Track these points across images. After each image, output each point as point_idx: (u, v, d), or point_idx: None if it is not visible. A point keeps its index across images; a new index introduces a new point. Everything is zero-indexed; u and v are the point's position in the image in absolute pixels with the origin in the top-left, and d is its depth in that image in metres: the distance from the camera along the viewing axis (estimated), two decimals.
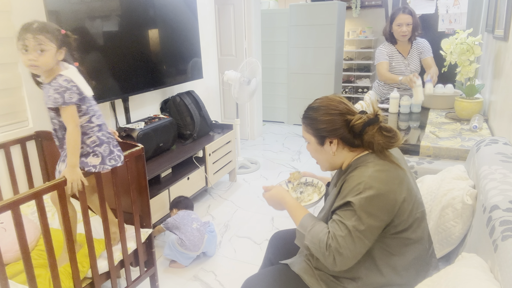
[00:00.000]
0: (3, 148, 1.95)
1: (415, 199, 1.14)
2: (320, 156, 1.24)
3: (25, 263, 1.30)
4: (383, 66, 2.94)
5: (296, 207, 1.24)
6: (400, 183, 1.09)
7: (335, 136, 1.17)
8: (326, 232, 1.09)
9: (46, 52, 1.45)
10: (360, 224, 1.05)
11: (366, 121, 1.14)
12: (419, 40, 2.98)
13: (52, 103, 1.49)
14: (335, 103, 1.18)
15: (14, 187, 2.02)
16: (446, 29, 3.14)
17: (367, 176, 1.07)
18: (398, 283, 1.16)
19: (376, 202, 1.05)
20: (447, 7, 3.09)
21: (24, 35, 1.41)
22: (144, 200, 1.89)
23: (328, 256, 1.08)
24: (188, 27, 3.10)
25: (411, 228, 1.13)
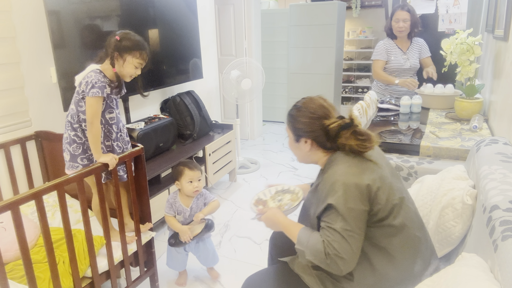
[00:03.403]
0: (3, 148, 1.95)
1: (391, 186, 1.17)
2: (295, 151, 1.33)
3: (25, 263, 1.30)
4: (378, 64, 3.03)
5: (290, 225, 1.27)
6: (371, 172, 1.15)
7: (309, 137, 1.24)
8: (321, 242, 1.12)
9: None
10: (346, 223, 1.09)
11: (342, 125, 1.20)
12: (418, 39, 3.04)
13: None
14: (316, 107, 1.25)
15: (14, 187, 2.02)
16: (446, 29, 3.13)
17: (339, 174, 1.14)
18: (396, 275, 1.17)
19: (352, 195, 1.10)
20: (447, 7, 3.09)
21: (146, 55, 1.66)
22: (144, 200, 1.89)
23: (331, 264, 1.10)
24: (188, 27, 3.10)
25: (392, 215, 1.16)
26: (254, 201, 1.50)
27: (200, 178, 1.97)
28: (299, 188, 1.51)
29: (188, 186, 1.93)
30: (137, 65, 1.66)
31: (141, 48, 1.64)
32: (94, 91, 1.58)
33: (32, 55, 2.08)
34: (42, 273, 1.55)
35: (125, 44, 1.62)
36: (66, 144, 1.72)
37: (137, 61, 1.64)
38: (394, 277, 1.17)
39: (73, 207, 2.06)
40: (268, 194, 1.55)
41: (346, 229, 1.09)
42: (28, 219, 1.80)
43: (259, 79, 3.60)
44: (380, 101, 2.95)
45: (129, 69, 1.65)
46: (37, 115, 2.13)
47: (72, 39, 2.10)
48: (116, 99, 1.75)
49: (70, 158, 1.72)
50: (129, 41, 1.62)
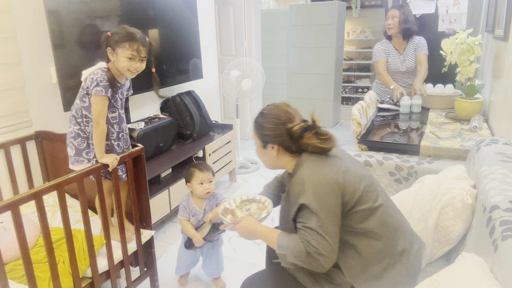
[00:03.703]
0: (3, 148, 1.95)
1: (356, 174, 1.22)
2: (263, 157, 1.35)
3: (25, 263, 1.30)
4: (380, 64, 3.02)
5: (267, 232, 1.28)
6: (335, 166, 1.20)
7: (276, 143, 1.27)
8: (300, 242, 1.14)
9: (145, 60, 1.65)
10: (321, 220, 1.12)
11: (304, 127, 1.24)
12: (416, 38, 3.03)
13: None
14: (280, 113, 1.28)
15: (14, 187, 2.02)
16: (446, 29, 3.13)
17: (306, 174, 1.17)
18: (381, 256, 1.19)
19: (322, 191, 1.14)
20: (447, 7, 3.09)
21: (138, 46, 1.59)
22: (144, 200, 1.89)
23: (313, 262, 1.13)
24: (188, 27, 3.10)
25: (362, 200, 1.19)
26: (221, 211, 1.48)
27: (211, 179, 1.94)
28: (265, 197, 1.53)
29: (199, 188, 1.91)
30: (129, 57, 1.59)
31: (130, 39, 1.58)
32: (98, 89, 1.58)
33: (32, 55, 2.08)
34: (42, 273, 1.55)
35: (114, 38, 1.60)
36: (71, 138, 1.72)
37: (127, 52, 1.58)
38: (379, 258, 1.20)
39: (73, 207, 2.06)
40: (233, 203, 1.54)
41: (321, 226, 1.12)
42: (28, 219, 1.80)
43: (259, 79, 3.60)
44: (380, 101, 2.95)
45: (122, 62, 1.60)
46: (37, 115, 2.13)
47: (72, 39, 2.10)
48: (121, 99, 1.74)
49: (75, 153, 1.72)
50: (118, 35, 1.60)
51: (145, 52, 1.63)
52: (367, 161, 2.03)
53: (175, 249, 2.40)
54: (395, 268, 1.21)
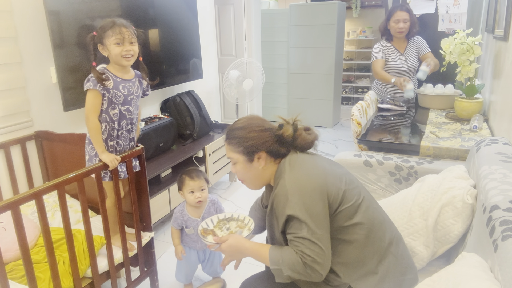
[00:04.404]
0: (3, 148, 1.95)
1: (336, 175, 1.22)
2: (249, 174, 1.29)
3: (25, 263, 1.30)
4: (378, 64, 3.00)
5: (258, 248, 1.23)
6: (314, 168, 1.20)
7: (263, 150, 1.24)
8: (294, 254, 1.12)
9: (135, 43, 1.66)
10: (311, 227, 1.10)
11: (294, 130, 1.26)
12: (415, 38, 3.03)
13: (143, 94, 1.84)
14: (258, 121, 1.28)
15: (14, 187, 2.02)
16: (446, 29, 3.14)
17: (287, 184, 1.15)
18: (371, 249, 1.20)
19: (307, 197, 1.12)
20: (447, 7, 3.09)
21: (120, 29, 1.59)
22: (144, 200, 1.89)
23: (311, 272, 1.11)
24: (188, 27, 3.10)
25: (345, 200, 1.18)
26: (201, 232, 1.44)
27: (204, 187, 1.87)
28: (243, 215, 1.50)
29: (189, 197, 1.86)
30: (117, 41, 1.61)
31: (111, 26, 1.60)
32: (87, 84, 1.63)
33: (33, 55, 2.08)
34: (42, 273, 1.55)
35: (99, 33, 1.64)
36: (86, 144, 1.77)
37: (113, 39, 1.60)
38: (371, 252, 1.20)
39: (73, 207, 2.06)
40: (211, 223, 1.51)
41: (313, 233, 1.10)
42: (28, 219, 1.80)
43: (259, 79, 3.61)
44: (380, 101, 2.95)
45: (113, 50, 1.62)
46: (37, 115, 2.13)
47: (72, 39, 2.10)
48: (126, 95, 1.72)
49: (88, 159, 1.76)
50: (100, 29, 1.63)
51: (130, 33, 1.64)
52: (367, 161, 2.03)
53: None
54: (387, 260, 1.21)
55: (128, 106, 1.74)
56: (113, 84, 1.68)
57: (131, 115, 1.77)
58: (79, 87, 2.15)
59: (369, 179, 2.05)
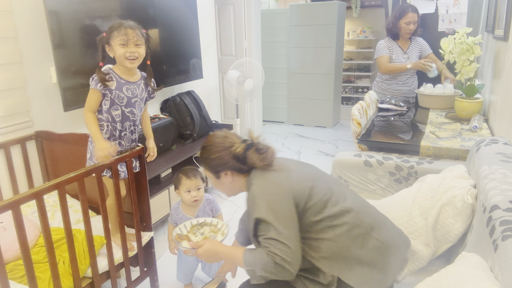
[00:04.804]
0: (3, 148, 1.95)
1: (301, 174, 1.27)
2: (221, 187, 1.38)
3: (25, 263, 1.30)
4: (384, 59, 3.01)
5: (232, 251, 1.30)
6: (281, 173, 1.25)
7: (227, 169, 1.30)
8: (265, 255, 1.16)
9: (141, 46, 1.65)
10: (278, 228, 1.15)
11: (245, 147, 1.29)
12: (417, 38, 3.06)
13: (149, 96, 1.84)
14: (220, 140, 1.32)
15: (14, 187, 2.02)
16: (446, 29, 3.14)
17: (255, 189, 1.22)
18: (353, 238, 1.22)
19: (273, 199, 1.18)
20: (447, 7, 3.09)
21: (126, 30, 1.59)
22: (144, 200, 1.89)
23: (281, 271, 1.15)
24: (188, 27, 3.10)
25: (311, 196, 1.22)
26: (175, 237, 1.46)
27: (200, 187, 1.89)
28: (217, 220, 1.56)
29: (186, 196, 1.88)
30: (122, 42, 1.61)
31: (118, 27, 1.61)
32: (91, 83, 1.66)
33: (33, 55, 2.08)
34: (42, 273, 1.55)
35: (107, 34, 1.65)
36: (89, 142, 1.79)
37: (118, 39, 1.61)
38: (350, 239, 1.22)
39: (73, 207, 2.06)
40: (184, 229, 1.53)
41: (280, 233, 1.14)
42: (28, 219, 1.80)
43: (260, 79, 3.60)
44: (380, 101, 2.95)
45: (117, 51, 1.62)
46: (37, 115, 2.13)
47: (72, 39, 2.10)
48: (129, 97, 1.71)
49: (89, 157, 1.78)
50: (108, 29, 1.64)
51: (136, 35, 1.63)
52: (367, 161, 2.03)
53: None
54: (370, 245, 1.23)
55: (131, 108, 1.74)
56: (116, 85, 1.68)
57: (134, 117, 1.77)
58: (79, 87, 2.15)
59: (369, 179, 2.05)
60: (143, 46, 1.67)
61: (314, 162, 3.89)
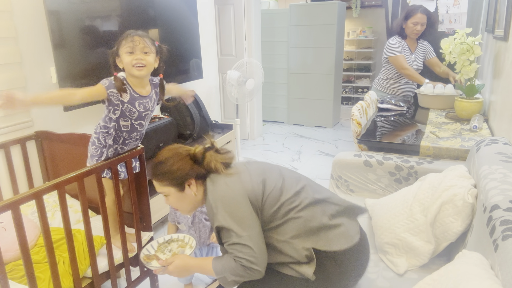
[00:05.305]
0: (3, 148, 1.95)
1: (253, 173, 1.29)
2: (184, 203, 1.35)
3: (25, 263, 1.30)
4: (401, 59, 2.97)
5: (202, 263, 1.32)
6: (231, 176, 1.26)
7: (191, 177, 1.29)
8: (232, 260, 1.21)
9: (150, 54, 1.61)
10: (237, 232, 1.18)
11: (204, 148, 1.32)
12: (423, 41, 3.08)
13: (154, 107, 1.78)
14: (174, 151, 1.32)
15: (14, 187, 2.02)
16: (446, 29, 3.14)
17: (211, 198, 1.24)
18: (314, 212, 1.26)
19: (228, 203, 1.20)
20: (447, 7, 3.09)
21: (133, 37, 1.57)
22: (144, 200, 1.89)
23: (250, 272, 1.19)
24: (188, 27, 3.10)
25: (265, 188, 1.25)
26: (144, 258, 1.43)
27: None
28: (183, 235, 1.56)
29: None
30: (129, 50, 1.58)
31: (126, 36, 1.59)
32: (104, 81, 1.61)
33: (33, 55, 2.08)
34: (42, 273, 1.55)
35: (116, 45, 1.63)
36: (90, 143, 1.76)
37: (125, 48, 1.58)
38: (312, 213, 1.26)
39: (73, 207, 2.06)
40: (151, 249, 1.50)
41: (240, 237, 1.18)
42: (28, 219, 1.80)
43: (260, 78, 3.61)
44: (380, 101, 2.95)
45: (125, 59, 1.59)
46: (37, 115, 2.13)
47: (72, 39, 2.10)
48: (140, 111, 1.70)
49: (89, 156, 1.76)
50: (117, 41, 1.62)
51: (143, 42, 1.59)
52: (367, 161, 2.03)
53: None
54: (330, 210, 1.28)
55: (141, 120, 1.74)
56: (130, 98, 1.64)
57: (142, 128, 1.77)
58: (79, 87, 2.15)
59: (369, 179, 2.05)
60: (152, 54, 1.62)
61: (314, 162, 3.90)
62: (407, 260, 1.47)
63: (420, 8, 2.91)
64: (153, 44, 1.65)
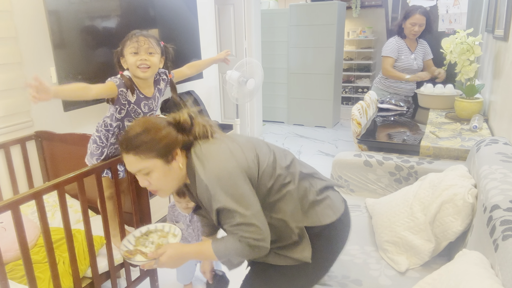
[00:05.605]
0: (3, 148, 1.95)
1: (243, 147, 1.20)
2: (169, 178, 1.19)
3: (25, 263, 1.30)
4: (388, 62, 3.03)
5: (199, 248, 1.23)
6: (222, 152, 1.16)
7: (178, 146, 1.18)
8: (237, 241, 1.14)
9: (155, 54, 1.59)
10: (241, 212, 1.11)
11: (189, 114, 1.22)
12: (422, 41, 3.11)
13: None
14: (155, 120, 1.20)
15: (14, 187, 2.02)
16: (446, 29, 3.14)
17: (205, 180, 1.12)
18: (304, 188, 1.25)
19: (227, 184, 1.11)
20: (447, 7, 3.09)
21: (138, 38, 1.55)
22: (143, 200, 1.88)
23: (258, 250, 1.14)
24: (188, 27, 3.10)
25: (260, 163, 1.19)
26: (126, 255, 1.28)
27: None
28: (160, 224, 1.42)
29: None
30: (133, 51, 1.56)
31: (130, 37, 1.58)
32: (113, 78, 1.60)
33: (33, 55, 2.08)
34: (42, 273, 1.55)
35: (120, 46, 1.63)
36: (91, 141, 1.75)
37: (129, 48, 1.57)
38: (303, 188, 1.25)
39: (73, 207, 2.06)
40: (129, 244, 1.34)
41: (245, 216, 1.11)
42: (28, 219, 1.80)
43: (260, 77, 3.61)
44: (380, 101, 2.95)
45: (129, 60, 1.58)
46: (37, 115, 2.12)
47: (72, 39, 2.10)
48: (145, 112, 1.70)
49: (89, 154, 1.75)
50: (122, 42, 1.62)
51: (148, 42, 1.57)
52: (367, 161, 2.03)
53: None
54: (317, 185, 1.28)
55: None
56: (136, 99, 1.63)
57: None
58: None
59: (369, 179, 2.05)
60: (157, 55, 1.61)
61: (314, 162, 3.90)
62: (407, 259, 1.47)
63: (419, 9, 2.92)
64: (158, 44, 1.63)
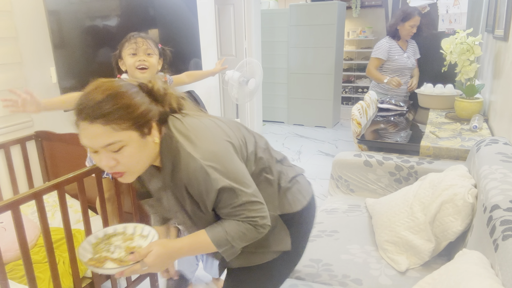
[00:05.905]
0: (3, 148, 1.95)
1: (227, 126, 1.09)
2: (142, 156, 0.98)
3: (25, 263, 1.30)
4: (374, 63, 3.08)
5: (193, 240, 1.05)
6: (211, 128, 1.04)
7: (156, 116, 0.99)
8: (241, 224, 1.02)
9: (153, 55, 1.61)
10: (243, 191, 1.00)
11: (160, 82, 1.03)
12: (411, 40, 3.13)
13: None
14: (122, 83, 0.97)
15: (14, 187, 2.02)
16: (446, 29, 3.13)
17: (199, 156, 0.96)
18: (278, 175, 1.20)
19: (225, 164, 0.99)
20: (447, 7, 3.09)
21: (136, 39, 1.56)
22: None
23: (263, 230, 1.04)
24: (188, 27, 3.10)
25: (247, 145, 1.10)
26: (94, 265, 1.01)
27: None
28: (121, 225, 1.18)
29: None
30: (132, 52, 1.58)
31: (128, 38, 1.60)
32: None
33: (33, 55, 2.08)
34: (42, 273, 1.55)
35: (119, 48, 1.64)
36: None
37: (128, 50, 1.59)
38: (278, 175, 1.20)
39: (73, 207, 2.06)
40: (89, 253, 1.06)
41: (247, 193, 1.01)
42: (28, 219, 1.80)
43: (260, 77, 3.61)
44: (380, 101, 2.95)
45: (127, 61, 1.59)
46: (37, 115, 2.12)
47: (72, 39, 2.10)
48: None
49: (89, 156, 1.77)
50: (120, 43, 1.63)
51: (146, 43, 1.59)
52: (367, 161, 2.03)
53: None
54: (289, 173, 1.25)
55: None
56: None
57: None
58: (79, 87, 2.15)
59: (369, 179, 2.05)
60: (155, 56, 1.62)
61: (314, 162, 3.90)
62: (407, 258, 1.47)
63: (416, 10, 2.96)
64: (156, 46, 1.65)
